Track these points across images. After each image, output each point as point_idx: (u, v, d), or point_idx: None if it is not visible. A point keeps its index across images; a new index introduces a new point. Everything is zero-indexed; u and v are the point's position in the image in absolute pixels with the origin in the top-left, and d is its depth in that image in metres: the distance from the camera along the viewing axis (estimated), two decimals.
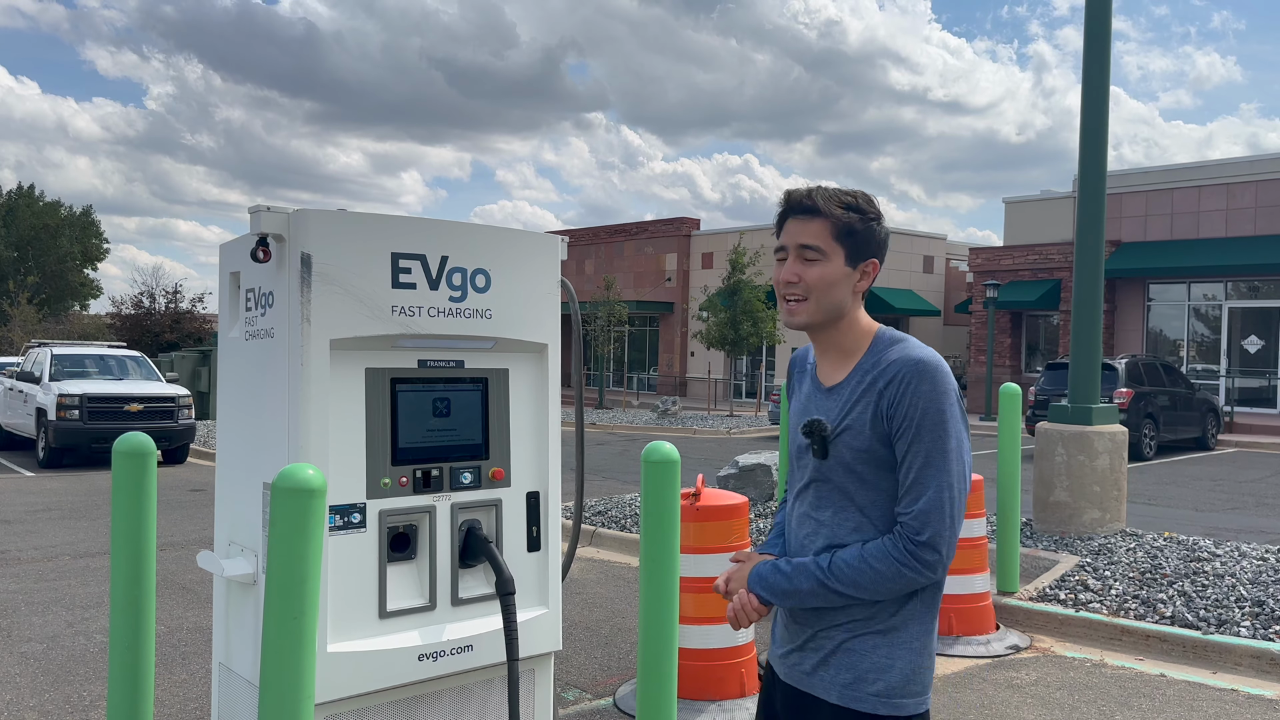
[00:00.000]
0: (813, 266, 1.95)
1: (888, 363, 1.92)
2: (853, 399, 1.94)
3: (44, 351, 16.44)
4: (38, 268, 59.89)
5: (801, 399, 2.10)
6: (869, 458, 1.91)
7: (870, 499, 1.93)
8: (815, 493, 2.01)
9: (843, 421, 1.94)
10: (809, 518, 2.02)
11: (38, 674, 5.16)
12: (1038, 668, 5.37)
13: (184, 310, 37.50)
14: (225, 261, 3.25)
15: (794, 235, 1.97)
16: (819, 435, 1.95)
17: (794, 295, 1.97)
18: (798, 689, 2.02)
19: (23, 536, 9.06)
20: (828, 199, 1.95)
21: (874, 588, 1.87)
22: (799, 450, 2.06)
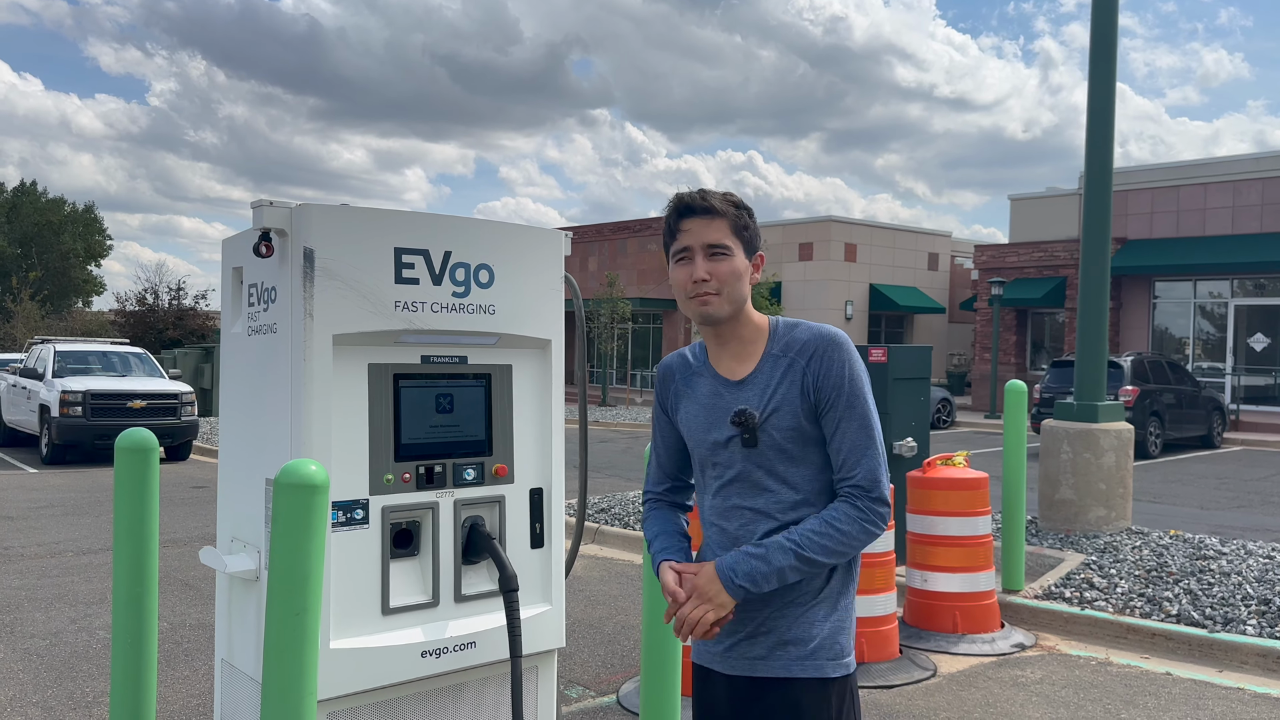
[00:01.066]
0: (722, 262, 2.04)
1: (801, 342, 2.05)
2: (772, 383, 2.04)
3: (47, 348, 16.45)
4: (41, 264, 59.98)
5: (702, 399, 2.14)
6: (797, 435, 2.03)
7: (803, 475, 2.05)
8: (745, 482, 2.08)
9: (769, 405, 2.03)
10: (741, 509, 2.08)
11: (41, 670, 5.15)
12: (1043, 666, 5.35)
13: (187, 307, 37.49)
14: (228, 257, 3.23)
15: (698, 235, 2.05)
16: (749, 424, 2.02)
17: (708, 291, 2.04)
18: (751, 677, 2.08)
19: (26, 533, 9.06)
20: (721, 200, 2.07)
21: (843, 549, 2.00)
22: (712, 448, 2.11)
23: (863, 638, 5.08)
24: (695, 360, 2.19)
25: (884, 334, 33.46)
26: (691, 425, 2.16)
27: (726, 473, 2.09)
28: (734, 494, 2.09)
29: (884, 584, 5.16)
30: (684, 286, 2.06)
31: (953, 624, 5.67)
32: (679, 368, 2.22)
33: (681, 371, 2.21)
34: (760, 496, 2.06)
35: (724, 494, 2.10)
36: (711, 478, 2.13)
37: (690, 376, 2.18)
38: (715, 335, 2.12)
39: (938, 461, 5.88)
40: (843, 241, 31.72)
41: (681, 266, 2.07)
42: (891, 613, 5.23)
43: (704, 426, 2.12)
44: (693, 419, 2.15)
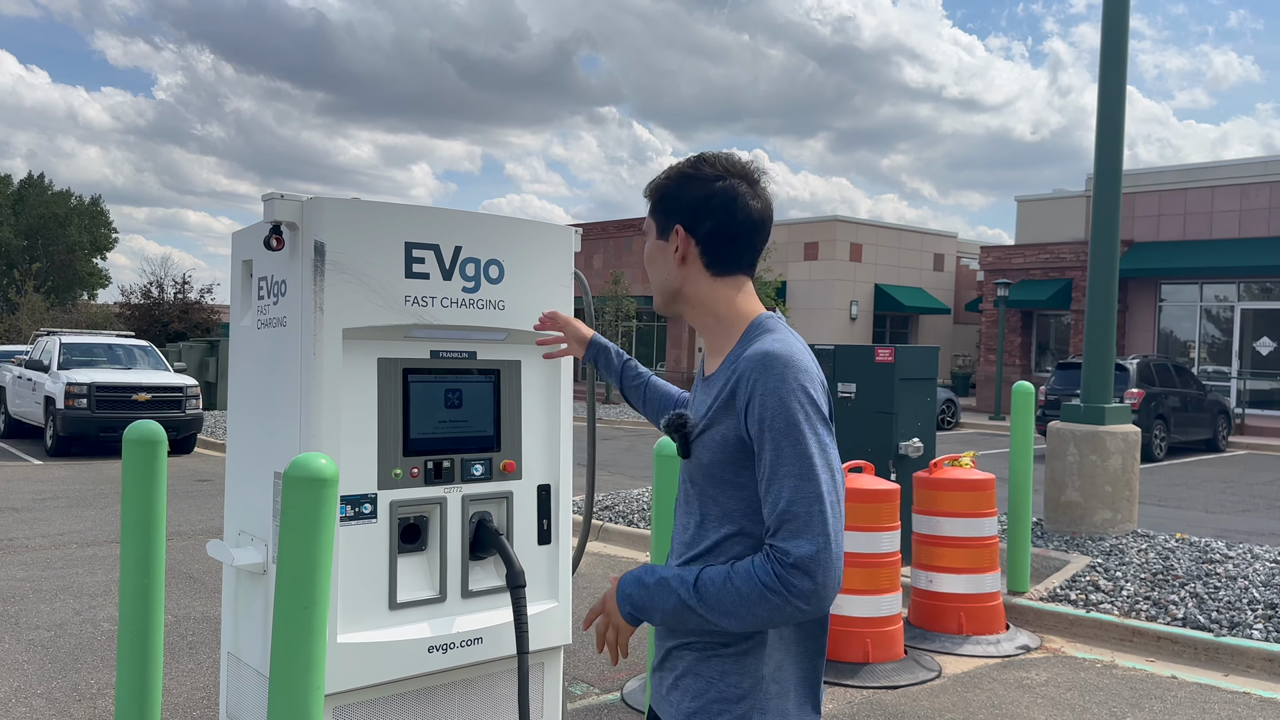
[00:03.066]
0: (643, 247, 1.88)
1: (744, 356, 1.67)
2: (713, 397, 1.70)
3: (53, 340, 16.47)
4: (46, 256, 60.08)
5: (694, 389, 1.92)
6: (728, 464, 1.66)
7: (738, 502, 1.67)
8: (685, 494, 1.79)
9: (705, 418, 1.70)
10: (677, 522, 1.83)
11: (45, 661, 5.16)
12: (1048, 668, 5.33)
13: (192, 300, 37.52)
14: (237, 250, 3.23)
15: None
16: (680, 432, 1.73)
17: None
18: (654, 710, 1.80)
19: (30, 524, 9.07)
20: (652, 183, 1.82)
21: (740, 613, 1.57)
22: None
23: (868, 638, 5.08)
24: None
25: (889, 334, 33.43)
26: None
27: (682, 476, 1.85)
28: (680, 503, 1.83)
29: (889, 584, 5.15)
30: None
31: (958, 625, 5.65)
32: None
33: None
34: (693, 515, 1.75)
35: (678, 499, 1.87)
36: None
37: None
38: (699, 329, 1.84)
39: (944, 462, 5.86)
40: (848, 241, 31.69)
41: None
42: (897, 613, 5.22)
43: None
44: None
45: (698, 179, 1.74)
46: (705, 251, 1.75)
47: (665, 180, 1.78)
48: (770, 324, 1.73)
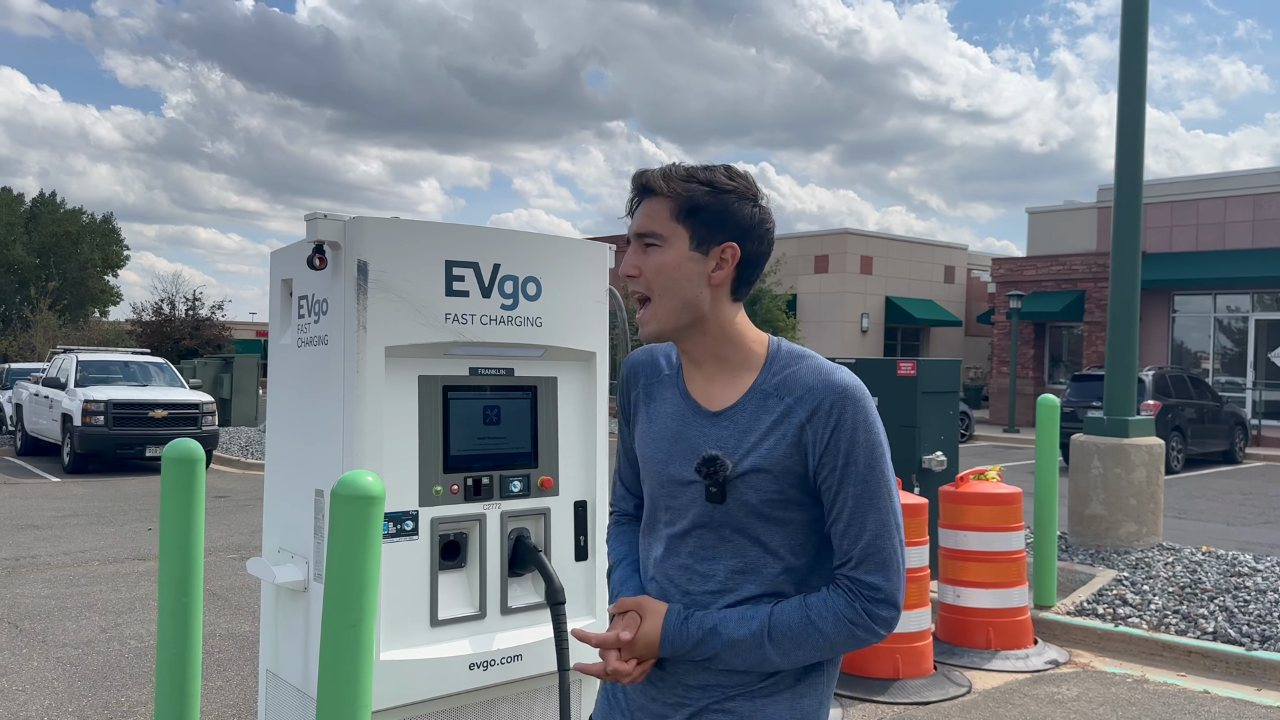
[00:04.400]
0: (650, 256, 1.60)
1: (804, 387, 1.56)
2: (757, 429, 1.57)
3: (69, 358, 16.56)
4: (59, 274, 60.42)
5: (665, 421, 1.67)
6: (780, 502, 1.57)
7: (783, 539, 1.59)
8: (700, 540, 1.61)
9: (747, 460, 1.56)
10: (691, 571, 1.62)
11: (74, 679, 5.16)
12: (1079, 683, 5.30)
13: (203, 317, 37.68)
14: (276, 268, 3.24)
15: (639, 222, 1.62)
16: (718, 476, 1.56)
17: (637, 293, 1.62)
18: None
19: (52, 542, 9.10)
20: (670, 174, 1.60)
21: (815, 652, 1.55)
22: (669, 485, 1.64)
23: (898, 654, 5.05)
24: (669, 367, 1.72)
25: (900, 347, 33.38)
26: (647, 449, 1.69)
27: (680, 520, 1.63)
28: (686, 550, 1.63)
29: (919, 599, 5.12)
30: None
31: (986, 640, 5.62)
32: (646, 370, 1.74)
33: (649, 375, 1.74)
34: (720, 562, 1.60)
35: (676, 545, 1.64)
36: (663, 521, 1.67)
37: (657, 385, 1.72)
38: (682, 351, 1.66)
39: (970, 476, 5.84)
40: (859, 254, 31.69)
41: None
42: (926, 628, 5.19)
43: (662, 457, 1.66)
44: (650, 442, 1.69)
45: (746, 198, 1.61)
46: (739, 276, 1.62)
47: (707, 191, 1.58)
48: (800, 350, 1.65)
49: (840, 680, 5.10)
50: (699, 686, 1.62)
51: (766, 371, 1.60)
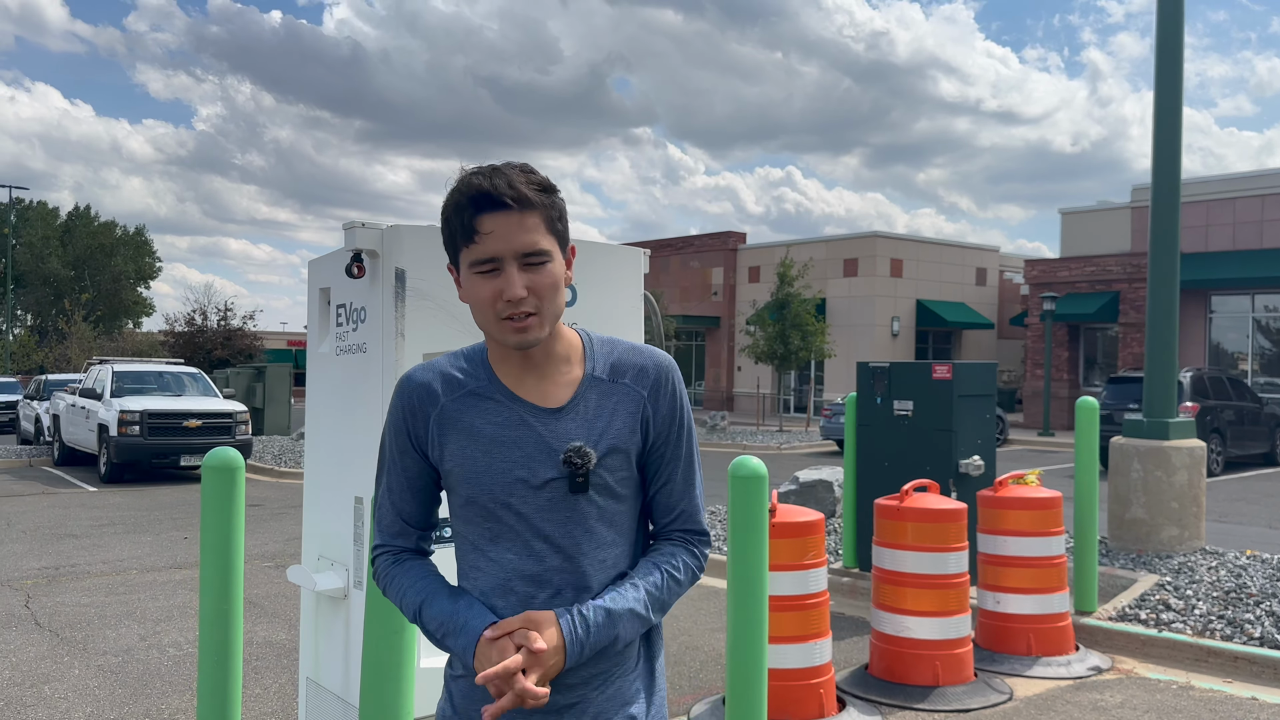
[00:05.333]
0: (541, 273, 1.55)
1: (636, 366, 1.66)
2: (603, 414, 1.63)
3: (105, 369, 16.77)
4: (93, 286, 61.34)
5: (499, 430, 1.63)
6: (628, 477, 1.65)
7: (627, 520, 1.67)
8: (564, 535, 1.62)
9: (602, 444, 1.62)
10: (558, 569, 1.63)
11: (115, 687, 5.21)
12: (1122, 690, 5.21)
13: (235, 327, 38.09)
14: (314, 278, 3.26)
15: (509, 239, 1.53)
16: (584, 467, 1.59)
17: (527, 311, 1.55)
18: None
19: (90, 551, 9.21)
20: (528, 184, 1.56)
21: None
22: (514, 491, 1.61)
23: (938, 660, 4.99)
24: (471, 379, 1.66)
25: (931, 350, 33.13)
26: (479, 463, 1.62)
27: (527, 525, 1.61)
28: (536, 553, 1.61)
29: (958, 606, 5.06)
30: (492, 305, 1.55)
31: (1026, 646, 5.54)
32: (444, 388, 1.65)
33: (450, 393, 1.65)
34: (587, 552, 1.63)
35: (535, 549, 1.61)
36: (503, 530, 1.62)
37: (466, 400, 1.65)
38: (525, 356, 1.64)
39: (1009, 481, 5.77)
40: (888, 257, 31.51)
41: (488, 280, 1.55)
42: (966, 635, 5.12)
43: (505, 465, 1.61)
44: (482, 455, 1.62)
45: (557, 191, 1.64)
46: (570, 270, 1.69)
47: (558, 197, 1.61)
48: (605, 335, 1.71)
49: (879, 687, 5.05)
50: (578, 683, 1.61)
51: (591, 360, 1.65)
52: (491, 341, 1.65)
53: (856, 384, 7.40)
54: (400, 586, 1.64)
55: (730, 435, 23.94)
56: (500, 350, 1.64)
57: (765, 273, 33.45)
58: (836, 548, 8.31)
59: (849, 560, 7.42)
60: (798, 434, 24.78)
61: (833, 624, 6.14)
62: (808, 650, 4.56)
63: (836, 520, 9.41)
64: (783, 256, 28.02)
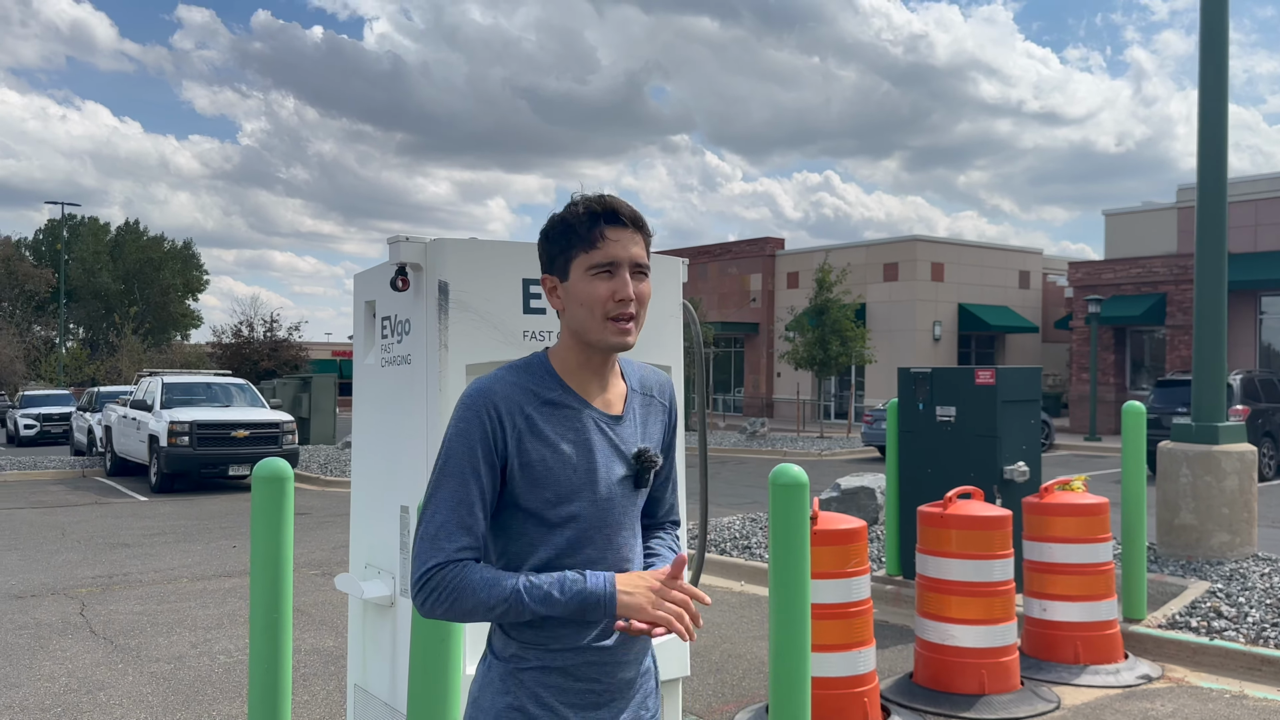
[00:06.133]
0: (644, 284, 1.80)
1: (656, 380, 1.93)
2: (645, 421, 1.87)
3: (155, 381, 17.10)
4: (142, 299, 62.56)
5: (587, 436, 1.77)
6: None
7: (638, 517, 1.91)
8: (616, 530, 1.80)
9: (650, 446, 1.86)
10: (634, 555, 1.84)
11: (168, 694, 5.32)
12: (1173, 699, 5.12)
13: (281, 339, 38.65)
14: (360, 291, 3.32)
15: (627, 249, 1.76)
16: (649, 464, 1.82)
17: (631, 315, 1.76)
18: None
19: (142, 559, 9.40)
20: (637, 214, 1.82)
21: None
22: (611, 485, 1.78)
23: (983, 668, 4.95)
24: (547, 390, 1.78)
25: (974, 355, 32.78)
26: (566, 468, 1.74)
27: (602, 519, 1.77)
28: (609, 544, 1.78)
29: (1004, 613, 5.01)
30: (604, 304, 1.72)
31: (1074, 654, 5.48)
32: (524, 398, 1.75)
33: (530, 402, 1.75)
34: (635, 546, 1.84)
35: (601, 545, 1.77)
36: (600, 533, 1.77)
37: (548, 408, 1.77)
38: (601, 364, 1.80)
39: (1055, 487, 5.71)
40: (929, 261, 31.24)
41: (601, 281, 1.73)
42: (1012, 643, 5.07)
43: (590, 465, 1.76)
44: (571, 460, 1.75)
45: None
46: None
47: (649, 229, 1.84)
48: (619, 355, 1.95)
49: (924, 696, 5.01)
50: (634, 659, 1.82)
51: (627, 376, 1.88)
52: (567, 351, 1.79)
53: (898, 390, 7.36)
54: (483, 578, 1.67)
55: (770, 442, 23.85)
56: (575, 360, 1.79)
57: (804, 278, 33.31)
58: (879, 555, 8.26)
59: (892, 568, 7.37)
60: (838, 440, 24.64)
61: (876, 632, 6.10)
62: (851, 658, 4.54)
63: (879, 527, 9.35)
64: (821, 262, 27.89)
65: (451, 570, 1.67)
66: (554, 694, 1.72)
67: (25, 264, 58.76)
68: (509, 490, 1.73)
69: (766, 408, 35.33)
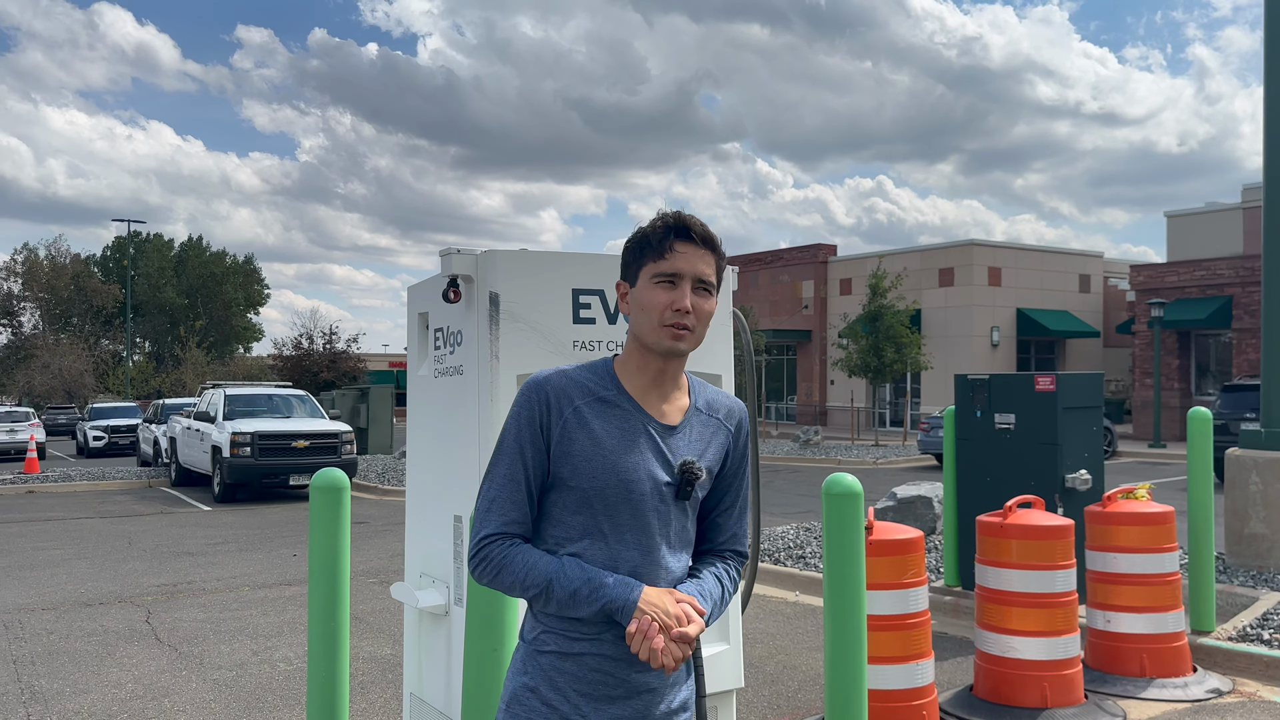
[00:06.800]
0: (705, 300, 1.87)
1: (725, 407, 1.97)
2: (701, 441, 1.91)
3: (218, 393, 17.47)
4: (206, 313, 64.03)
5: (625, 434, 1.83)
6: (703, 497, 1.94)
7: (693, 531, 1.94)
8: (673, 532, 1.87)
9: (702, 462, 1.89)
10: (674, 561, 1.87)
11: (230, 700, 5.41)
12: (1245, 713, 4.96)
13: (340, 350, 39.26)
14: (413, 303, 3.36)
15: (693, 264, 1.84)
16: (693, 478, 1.85)
17: (686, 325, 1.83)
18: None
19: (205, 568, 9.59)
20: (710, 234, 1.90)
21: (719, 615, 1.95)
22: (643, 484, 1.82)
23: (1045, 682, 4.84)
24: (603, 389, 1.86)
25: (1034, 361, 32.19)
26: (603, 460, 1.81)
27: (638, 519, 1.83)
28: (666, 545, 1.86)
29: (1066, 625, 4.90)
30: (661, 311, 1.81)
31: (1140, 667, 5.33)
32: (577, 391, 1.85)
33: (582, 396, 1.85)
34: (677, 555, 1.88)
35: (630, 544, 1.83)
36: (626, 525, 1.82)
37: (600, 405, 1.85)
38: (659, 371, 1.87)
39: (1118, 495, 5.57)
40: (985, 265, 30.77)
41: (662, 289, 1.82)
42: (1075, 655, 4.96)
43: (631, 463, 1.82)
44: (606, 454, 1.81)
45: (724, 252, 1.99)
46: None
47: (723, 251, 1.92)
48: (694, 376, 2.00)
49: (985, 709, 4.92)
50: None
51: (693, 394, 1.93)
52: (629, 357, 1.89)
53: (955, 397, 7.25)
54: (525, 560, 1.78)
55: (824, 450, 23.64)
56: (634, 365, 1.88)
57: (857, 285, 33.02)
58: (938, 565, 8.13)
59: (951, 579, 7.25)
60: (894, 448, 24.34)
61: (935, 643, 6.00)
62: (909, 671, 4.47)
63: (937, 537, 9.21)
64: (874, 267, 27.61)
65: (500, 545, 1.80)
66: (568, 680, 1.79)
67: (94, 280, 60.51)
68: (554, 475, 1.83)
69: (820, 416, 35.05)
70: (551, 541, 1.82)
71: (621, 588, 1.75)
